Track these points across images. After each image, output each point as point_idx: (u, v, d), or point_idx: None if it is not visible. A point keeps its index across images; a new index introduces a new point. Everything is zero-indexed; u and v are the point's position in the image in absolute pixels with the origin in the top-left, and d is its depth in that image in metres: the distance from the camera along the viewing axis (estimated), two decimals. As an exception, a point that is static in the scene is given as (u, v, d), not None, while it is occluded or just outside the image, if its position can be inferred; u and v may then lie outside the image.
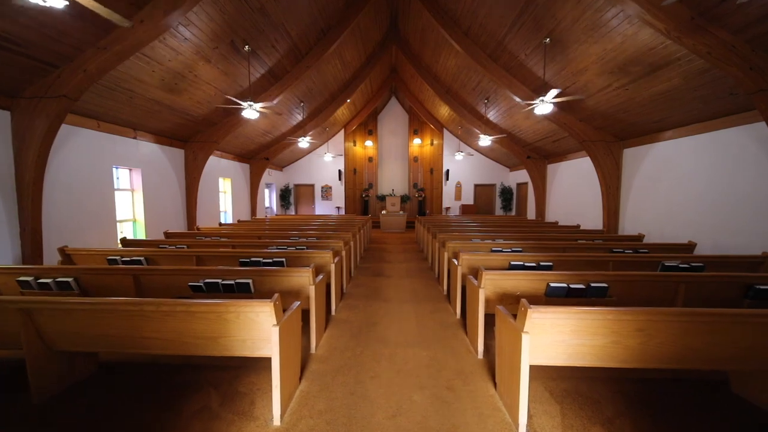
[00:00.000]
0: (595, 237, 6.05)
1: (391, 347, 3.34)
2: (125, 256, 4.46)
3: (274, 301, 2.19)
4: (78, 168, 5.58)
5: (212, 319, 2.28)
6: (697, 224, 5.70)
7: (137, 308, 2.29)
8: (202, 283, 3.25)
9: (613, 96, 6.11)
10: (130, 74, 5.20)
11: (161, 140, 7.53)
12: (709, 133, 5.55)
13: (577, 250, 5.13)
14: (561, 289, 3.04)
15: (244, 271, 3.34)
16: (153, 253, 4.52)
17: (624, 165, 7.62)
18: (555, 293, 3.07)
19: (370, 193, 15.97)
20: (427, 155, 16.05)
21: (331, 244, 5.25)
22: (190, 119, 7.37)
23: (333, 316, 4.24)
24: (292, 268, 3.27)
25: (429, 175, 16.07)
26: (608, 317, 2.09)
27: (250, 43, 6.12)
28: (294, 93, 9.01)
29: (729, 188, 5.20)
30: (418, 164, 16.09)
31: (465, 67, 8.61)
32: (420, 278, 6.13)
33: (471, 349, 3.31)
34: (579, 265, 4.23)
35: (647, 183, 6.90)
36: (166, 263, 4.49)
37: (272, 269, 3.31)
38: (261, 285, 3.31)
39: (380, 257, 8.23)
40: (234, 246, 5.42)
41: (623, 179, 7.64)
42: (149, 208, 7.27)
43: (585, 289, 3.03)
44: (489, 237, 6.26)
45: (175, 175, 8.15)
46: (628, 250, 4.83)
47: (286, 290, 3.32)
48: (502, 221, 10.10)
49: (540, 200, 11.35)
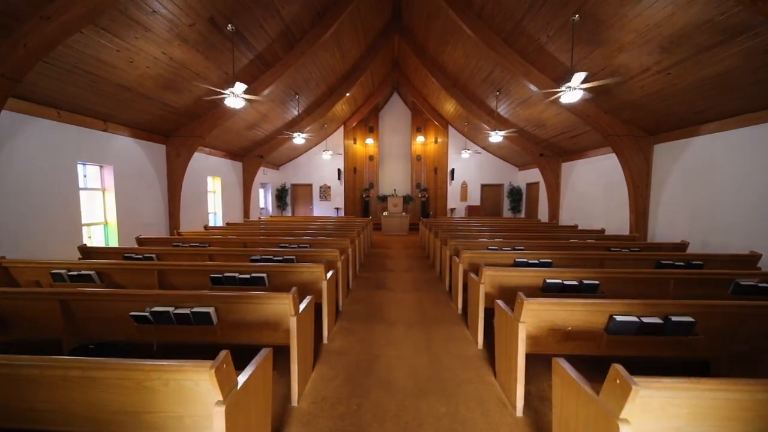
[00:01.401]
0: (629, 245, 5.25)
1: (398, 396, 2.55)
2: (75, 269, 3.67)
3: (217, 365, 1.40)
4: (33, 164, 4.79)
5: (130, 388, 1.49)
6: (754, 231, 4.88)
7: (12, 371, 1.50)
8: (148, 312, 2.47)
9: (649, 82, 5.31)
10: (88, 53, 4.41)
11: (138, 134, 6.74)
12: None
13: (620, 263, 4.34)
14: (632, 324, 2.24)
15: (208, 297, 2.55)
16: (108, 266, 3.73)
17: (654, 162, 6.81)
18: (621, 330, 2.28)
19: (371, 193, 15.15)
20: (431, 154, 15.21)
21: (325, 255, 4.46)
22: (170, 111, 6.58)
23: (324, 346, 3.45)
24: (268, 296, 2.47)
25: (433, 175, 15.25)
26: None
27: (233, 22, 5.33)
28: (288, 83, 8.22)
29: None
30: (422, 163, 15.23)
31: (475, 56, 7.82)
32: (428, 291, 5.33)
33: (505, 401, 2.51)
34: (644, 286, 3.41)
35: (684, 183, 6.10)
36: (121, 278, 3.71)
37: (244, 295, 2.52)
38: (228, 313, 2.52)
39: (382, 264, 7.43)
40: (212, 256, 4.64)
41: (653, 178, 6.84)
42: (123, 210, 6.48)
43: (663, 324, 2.24)
44: (506, 243, 5.45)
45: (156, 174, 7.36)
46: (678, 263, 4.04)
47: (260, 322, 2.53)
48: (516, 225, 9.31)
49: (553, 201, 10.54)
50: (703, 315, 2.33)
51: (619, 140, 6.82)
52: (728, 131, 5.29)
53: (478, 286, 3.49)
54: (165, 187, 7.62)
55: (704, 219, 5.69)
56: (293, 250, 4.68)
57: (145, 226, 6.98)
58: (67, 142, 5.30)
